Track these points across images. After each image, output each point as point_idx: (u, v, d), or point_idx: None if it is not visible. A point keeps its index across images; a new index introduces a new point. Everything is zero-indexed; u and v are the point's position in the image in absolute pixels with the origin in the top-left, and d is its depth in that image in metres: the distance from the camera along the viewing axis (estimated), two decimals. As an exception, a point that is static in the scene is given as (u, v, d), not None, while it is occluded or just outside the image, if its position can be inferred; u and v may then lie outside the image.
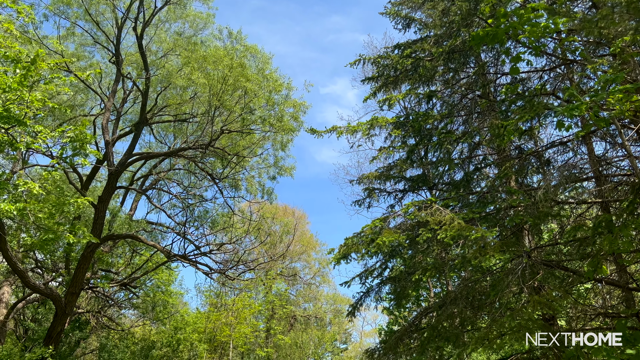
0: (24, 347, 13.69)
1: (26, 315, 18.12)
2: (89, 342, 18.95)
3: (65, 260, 16.31)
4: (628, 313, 8.09)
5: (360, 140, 10.92)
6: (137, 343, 19.00)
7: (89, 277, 16.53)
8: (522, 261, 6.96)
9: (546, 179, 7.66)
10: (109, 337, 19.72)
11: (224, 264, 17.93)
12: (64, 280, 16.63)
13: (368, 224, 8.02)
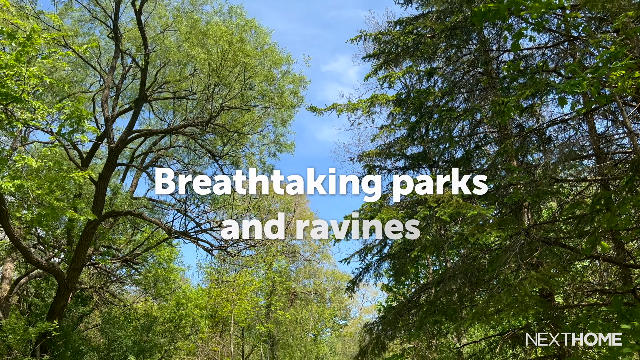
0: (28, 321, 13.89)
1: (29, 291, 18.32)
2: (91, 318, 19.20)
3: (67, 237, 16.42)
4: (624, 289, 8.18)
5: (360, 118, 10.89)
6: (140, 318, 19.24)
7: (91, 253, 16.66)
8: (520, 238, 7.01)
9: (546, 156, 7.65)
10: (111, 312, 19.98)
11: (224, 241, 18.04)
12: (66, 257, 16.78)
13: (367, 202, 8.06)
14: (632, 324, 6.84)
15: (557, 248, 8.50)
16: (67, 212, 8.64)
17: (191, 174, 18.33)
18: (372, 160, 13.16)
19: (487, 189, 6.99)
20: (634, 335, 6.62)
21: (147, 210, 18.30)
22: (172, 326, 21.04)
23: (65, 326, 14.77)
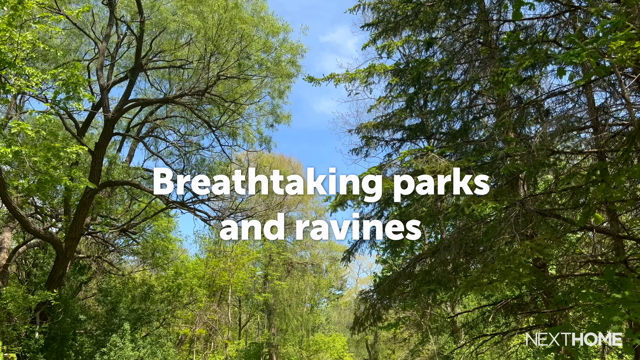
0: (28, 289, 14.03)
1: (27, 260, 18.45)
2: (90, 287, 19.42)
3: (65, 206, 16.45)
4: (616, 260, 8.28)
5: (358, 88, 10.79)
6: (138, 287, 19.46)
7: (89, 223, 16.72)
8: (516, 209, 7.05)
9: (543, 127, 7.63)
10: (109, 281, 20.18)
11: (221, 212, 18.12)
12: (63, 226, 16.84)
13: (364, 172, 8.08)
14: (623, 294, 6.95)
15: (551, 220, 8.56)
16: (64, 181, 8.62)
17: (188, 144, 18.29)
18: (370, 132, 13.13)
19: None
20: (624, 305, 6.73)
21: (144, 180, 18.30)
22: (171, 295, 21.31)
23: (64, 294, 14.93)
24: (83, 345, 14.49)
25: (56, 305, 13.66)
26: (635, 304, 6.53)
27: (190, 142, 18.67)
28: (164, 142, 19.45)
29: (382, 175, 7.95)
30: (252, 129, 18.49)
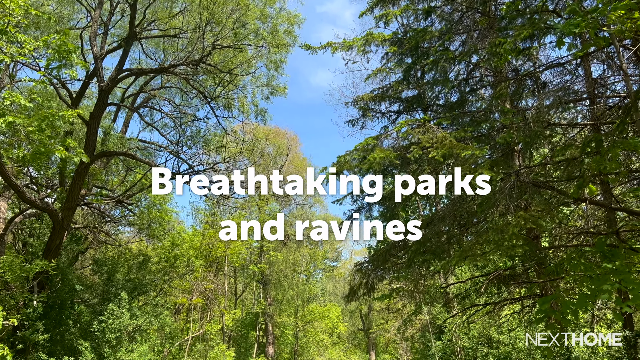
0: (25, 259, 14.11)
1: (24, 230, 18.49)
2: (86, 257, 19.53)
3: (60, 177, 16.42)
4: (608, 231, 8.40)
5: (355, 57, 10.68)
6: (134, 258, 19.60)
7: (84, 193, 16.72)
8: (511, 179, 7.09)
9: (540, 99, 7.63)
10: (106, 252, 20.30)
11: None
12: (59, 197, 16.83)
13: (361, 142, 8.07)
14: (614, 264, 7.07)
15: (546, 192, 8.63)
16: (59, 151, 8.58)
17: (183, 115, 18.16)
18: (366, 104, 13.07)
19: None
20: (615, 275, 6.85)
21: (139, 152, 18.24)
22: (167, 266, 21.49)
23: (61, 264, 15.03)
24: (81, 314, 14.66)
25: (53, 275, 13.76)
26: (625, 274, 6.65)
27: (186, 113, 18.54)
28: (159, 113, 19.32)
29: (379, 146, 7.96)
30: (248, 101, 18.36)
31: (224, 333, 25.04)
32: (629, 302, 6.36)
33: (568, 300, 7.06)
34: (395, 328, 35.67)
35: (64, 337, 14.15)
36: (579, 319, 14.44)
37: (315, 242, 41.75)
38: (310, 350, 40.16)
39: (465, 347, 18.83)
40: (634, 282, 6.35)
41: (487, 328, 17.64)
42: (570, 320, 7.34)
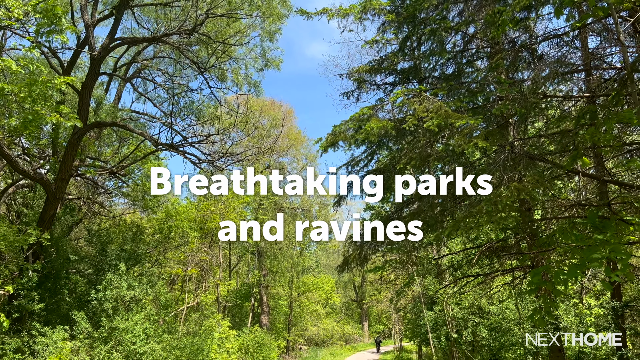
0: (18, 229, 14.10)
1: (17, 201, 18.44)
2: (80, 228, 19.55)
3: (52, 147, 16.30)
4: (600, 203, 8.47)
5: (351, 25, 10.53)
6: (129, 229, 19.64)
7: (77, 164, 16.63)
8: (505, 149, 7.11)
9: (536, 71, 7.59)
10: (100, 223, 20.32)
11: (212, 155, 18.07)
12: (52, 167, 16.74)
13: (356, 112, 8.02)
14: (605, 235, 7.16)
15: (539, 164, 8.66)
16: (52, 117, 8.48)
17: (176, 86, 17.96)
18: (362, 75, 12.96)
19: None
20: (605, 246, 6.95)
21: (132, 122, 18.09)
22: (162, 237, 21.58)
23: (55, 235, 15.05)
24: (76, 284, 14.76)
25: (48, 245, 13.79)
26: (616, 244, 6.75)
27: (179, 84, 18.33)
28: (152, 83, 19.10)
29: (374, 116, 7.93)
30: (242, 73, 18.17)
31: (218, 303, 25.34)
32: (618, 271, 6.47)
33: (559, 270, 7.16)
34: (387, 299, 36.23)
35: (59, 307, 14.27)
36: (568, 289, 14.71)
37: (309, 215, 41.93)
38: (304, 321, 40.82)
39: (457, 317, 19.20)
40: (623, 253, 6.44)
41: (478, 299, 17.94)
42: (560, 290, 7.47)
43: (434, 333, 21.87)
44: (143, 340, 11.87)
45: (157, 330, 13.52)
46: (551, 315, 11.21)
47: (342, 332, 49.68)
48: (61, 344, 10.83)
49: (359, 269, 13.31)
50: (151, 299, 14.86)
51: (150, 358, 11.78)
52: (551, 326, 12.37)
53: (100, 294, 12.57)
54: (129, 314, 12.51)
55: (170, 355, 12.49)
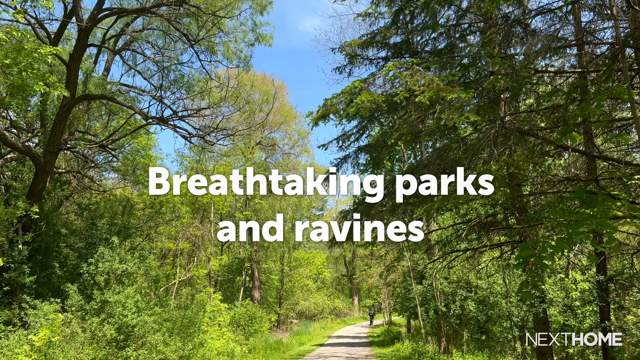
0: (7, 202, 14.02)
1: (5, 174, 18.27)
2: (71, 202, 19.46)
3: (41, 120, 16.09)
4: (588, 178, 8.57)
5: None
6: (119, 203, 19.59)
7: (66, 138, 16.46)
8: (497, 123, 7.13)
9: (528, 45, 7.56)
10: (90, 197, 20.23)
11: (202, 130, 17.95)
12: (40, 141, 16.57)
13: (348, 85, 7.98)
14: (592, 210, 7.26)
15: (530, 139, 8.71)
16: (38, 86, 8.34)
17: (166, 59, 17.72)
18: (354, 50, 12.86)
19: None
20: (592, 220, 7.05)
21: (122, 95, 17.87)
22: (153, 212, 21.56)
23: (45, 209, 14.98)
24: (67, 257, 14.77)
25: (38, 219, 13.73)
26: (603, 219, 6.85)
27: (169, 57, 18.07)
28: (142, 56, 18.80)
29: (366, 90, 7.89)
30: (232, 47, 17.94)
31: (210, 278, 25.52)
32: (604, 244, 6.59)
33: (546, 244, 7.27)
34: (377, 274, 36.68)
35: (50, 280, 14.30)
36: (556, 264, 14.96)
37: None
38: (295, 295, 41.29)
39: (445, 292, 19.51)
40: (609, 226, 6.55)
41: (466, 273, 18.22)
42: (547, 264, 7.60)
43: (422, 307, 22.24)
44: (135, 313, 11.97)
45: (149, 303, 13.63)
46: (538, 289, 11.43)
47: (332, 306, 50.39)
48: (52, 316, 10.89)
49: (350, 243, 13.41)
50: (142, 273, 14.93)
51: (142, 330, 11.89)
52: (537, 299, 12.62)
53: (92, 267, 12.60)
54: (121, 287, 12.58)
55: (162, 328, 12.61)
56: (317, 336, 35.81)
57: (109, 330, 11.34)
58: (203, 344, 14.44)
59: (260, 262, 35.67)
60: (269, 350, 22.97)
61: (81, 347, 10.77)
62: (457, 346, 21.48)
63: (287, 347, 25.79)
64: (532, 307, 12.54)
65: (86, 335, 11.10)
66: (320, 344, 30.28)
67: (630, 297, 13.93)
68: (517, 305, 14.95)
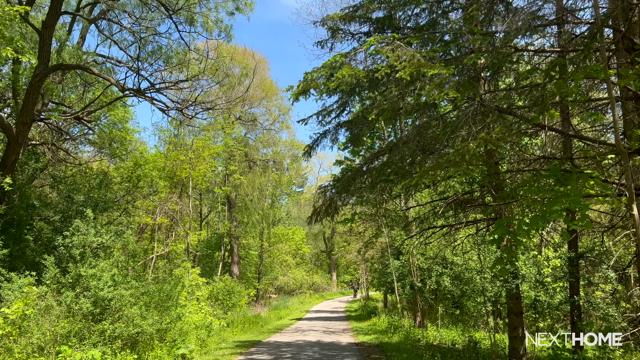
0: (-21, 174, 13.63)
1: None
2: (45, 174, 19.07)
3: (13, 90, 15.61)
4: (563, 157, 8.71)
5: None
6: (96, 177, 19.26)
7: (40, 108, 16.03)
8: (475, 102, 7.16)
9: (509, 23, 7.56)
10: (65, 170, 19.84)
11: (180, 103, 17.65)
12: (12, 111, 16.10)
13: (329, 59, 7.89)
14: (566, 188, 7.40)
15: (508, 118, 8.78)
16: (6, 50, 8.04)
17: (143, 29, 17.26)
18: (335, 23, 12.70)
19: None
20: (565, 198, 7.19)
21: (98, 66, 17.40)
22: (130, 186, 21.28)
23: (18, 181, 14.65)
24: (41, 231, 14.52)
25: (10, 191, 13.43)
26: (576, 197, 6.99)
27: (146, 27, 17.59)
28: (118, 26, 18.27)
29: (347, 64, 7.82)
30: (212, 17, 17.54)
31: (188, 253, 25.46)
32: (576, 221, 6.74)
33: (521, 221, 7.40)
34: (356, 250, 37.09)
35: (24, 253, 14.07)
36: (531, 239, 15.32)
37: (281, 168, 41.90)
38: (274, 270, 41.55)
39: (421, 267, 19.84)
40: (582, 205, 6.69)
41: (442, 250, 18.52)
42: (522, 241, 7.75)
43: (399, 282, 22.61)
44: (111, 286, 11.88)
45: (126, 277, 13.54)
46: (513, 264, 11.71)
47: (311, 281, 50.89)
48: (27, 289, 10.75)
49: (329, 220, 13.44)
50: (119, 247, 14.78)
51: (119, 304, 11.83)
52: (510, 275, 12.93)
53: (68, 240, 12.42)
54: (97, 261, 12.45)
55: (139, 301, 12.56)
56: (295, 311, 36.22)
57: (85, 303, 11.26)
58: (181, 318, 14.46)
59: (239, 237, 35.68)
60: (247, 324, 23.16)
61: (56, 320, 10.68)
62: (432, 320, 21.98)
63: (265, 321, 26.04)
64: (506, 282, 12.86)
65: (62, 308, 11.00)
66: (298, 318, 30.64)
67: (599, 274, 14.37)
68: (491, 281, 15.30)
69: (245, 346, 16.95)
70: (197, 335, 15.69)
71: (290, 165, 44.43)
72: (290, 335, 20.50)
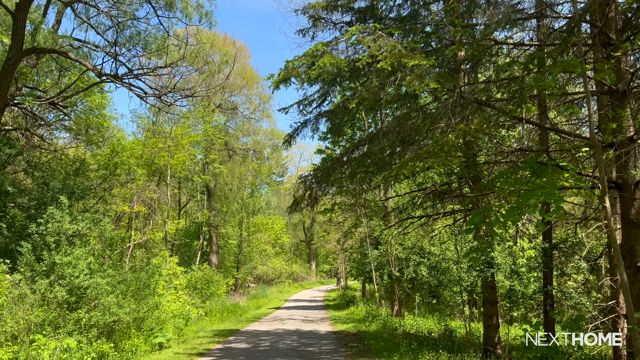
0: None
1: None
2: (19, 160, 18.65)
3: (-16, 74, 15.15)
4: (540, 149, 8.86)
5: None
6: (72, 164, 18.90)
7: (14, 93, 15.63)
8: (456, 92, 7.22)
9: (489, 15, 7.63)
10: (40, 157, 19.43)
11: (159, 90, 17.38)
12: (-15, 95, 15.64)
13: (310, 48, 7.85)
14: (541, 180, 7.54)
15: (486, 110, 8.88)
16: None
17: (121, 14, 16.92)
18: (317, 12, 12.64)
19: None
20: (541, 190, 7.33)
21: (74, 50, 17.00)
22: (107, 173, 20.95)
23: (-9, 167, 14.30)
24: (15, 218, 14.23)
25: (-17, 177, 13.12)
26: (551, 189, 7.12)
27: (124, 12, 17.22)
28: (95, 9, 17.85)
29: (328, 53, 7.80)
30: (192, 2, 17.25)
31: (167, 241, 25.24)
32: (551, 213, 6.88)
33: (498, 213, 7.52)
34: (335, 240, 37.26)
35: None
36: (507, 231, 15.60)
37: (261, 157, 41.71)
38: (254, 260, 41.51)
39: (399, 257, 20.05)
40: (557, 197, 6.83)
41: (420, 240, 18.73)
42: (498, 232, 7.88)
43: (377, 272, 22.82)
44: (87, 274, 11.73)
45: (102, 265, 13.37)
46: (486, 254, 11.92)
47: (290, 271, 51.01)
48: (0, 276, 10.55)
49: (309, 210, 13.45)
50: (96, 235, 14.58)
51: (94, 292, 11.69)
52: (486, 265, 13.15)
53: (42, 228, 12.20)
54: (72, 249, 12.27)
55: (116, 290, 12.44)
56: (274, 300, 36.31)
57: (60, 292, 11.11)
58: (158, 307, 14.37)
59: (218, 226, 35.49)
60: (225, 313, 23.13)
61: (30, 308, 10.51)
62: (409, 309, 22.27)
63: (244, 310, 26.05)
64: (481, 272, 13.08)
65: (36, 297, 10.82)
66: (277, 307, 30.73)
67: (572, 264, 14.72)
68: (467, 270, 15.56)
69: (224, 335, 16.95)
70: (175, 324, 15.63)
71: (271, 155, 44.28)
72: (269, 324, 20.56)
